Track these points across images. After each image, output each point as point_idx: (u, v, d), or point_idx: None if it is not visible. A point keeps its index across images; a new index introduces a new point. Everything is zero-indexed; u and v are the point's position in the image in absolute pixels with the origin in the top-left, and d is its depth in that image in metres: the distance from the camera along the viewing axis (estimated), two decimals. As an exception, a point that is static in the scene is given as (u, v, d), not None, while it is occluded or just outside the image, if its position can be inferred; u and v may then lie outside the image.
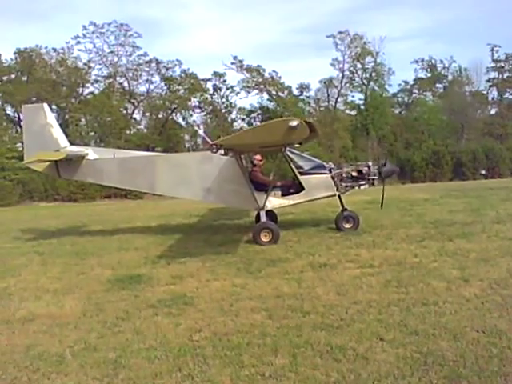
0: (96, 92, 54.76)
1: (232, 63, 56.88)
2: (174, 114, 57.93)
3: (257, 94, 59.37)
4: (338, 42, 59.01)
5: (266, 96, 59.23)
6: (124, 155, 13.97)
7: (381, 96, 60.01)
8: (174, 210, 18.80)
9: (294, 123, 8.90)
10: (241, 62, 57.17)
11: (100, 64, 55.28)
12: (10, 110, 53.05)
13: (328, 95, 63.10)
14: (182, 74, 56.72)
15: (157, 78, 57.12)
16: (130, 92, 56.38)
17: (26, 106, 15.20)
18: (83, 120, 51.95)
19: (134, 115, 57.42)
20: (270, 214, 13.58)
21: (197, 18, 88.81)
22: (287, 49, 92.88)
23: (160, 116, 57.09)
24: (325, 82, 61.85)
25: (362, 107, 60.57)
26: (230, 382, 4.58)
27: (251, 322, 6.06)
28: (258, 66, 57.32)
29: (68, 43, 53.89)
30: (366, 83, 60.86)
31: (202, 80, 57.53)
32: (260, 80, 57.96)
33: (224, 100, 59.85)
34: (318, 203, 13.43)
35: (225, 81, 58.75)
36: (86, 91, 55.13)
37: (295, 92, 60.33)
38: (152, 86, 57.57)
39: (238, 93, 59.00)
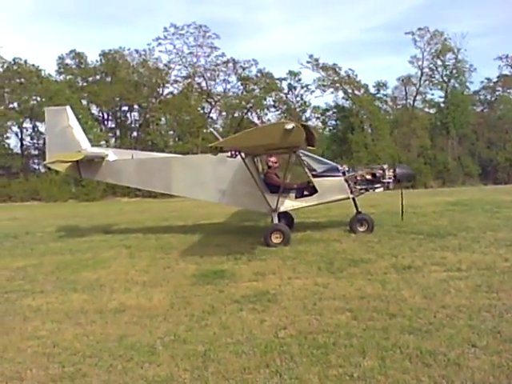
0: (175, 92, 56.49)
1: (308, 62, 56.85)
2: (249, 113, 58.59)
3: (332, 92, 58.95)
4: (417, 38, 57.60)
5: (341, 94, 58.62)
6: (142, 156, 14.25)
7: (462, 94, 57.80)
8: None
9: (290, 126, 8.93)
10: (316, 60, 56.98)
11: (179, 65, 56.97)
12: (95, 110, 55.74)
13: (406, 93, 61.62)
14: (258, 74, 57.36)
15: (233, 78, 58.12)
16: (207, 92, 57.60)
17: (49, 108, 15.49)
18: (163, 119, 53.64)
19: (211, 114, 58.66)
20: (287, 216, 13.72)
21: (273, 18, 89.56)
22: (364, 47, 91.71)
23: (236, 115, 57.91)
24: (403, 80, 60.41)
25: (442, 105, 58.58)
26: (318, 381, 4.56)
27: (336, 322, 6.01)
28: (334, 64, 56.92)
29: (149, 45, 55.96)
30: (446, 81, 58.92)
31: (278, 79, 57.86)
32: (336, 78, 57.46)
33: (298, 99, 59.86)
34: (399, 203, 13.05)
35: (300, 80, 58.74)
36: (166, 91, 57.01)
37: (372, 90, 59.24)
38: (229, 86, 58.63)
39: (313, 91, 58.85)
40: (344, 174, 12.52)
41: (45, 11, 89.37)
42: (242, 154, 11.54)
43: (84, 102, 53.43)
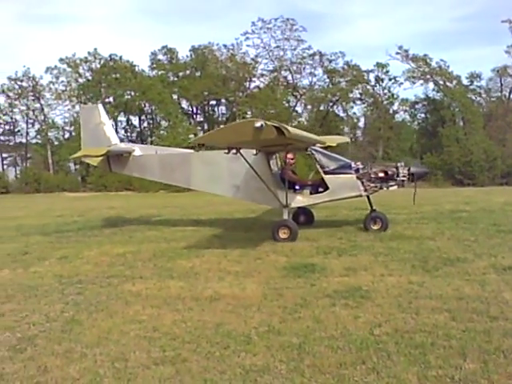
0: (262, 86, 56.97)
1: (397, 53, 55.19)
2: (334, 107, 57.95)
3: (422, 84, 56.94)
4: (514, 27, 54.00)
5: (431, 86, 56.55)
6: (164, 152, 14.76)
7: None
8: (338, 202, 18.71)
9: (258, 124, 8.99)
10: (406, 51, 55.23)
11: (266, 58, 57.39)
12: (184, 104, 57.52)
13: (501, 85, 58.29)
14: (345, 66, 56.49)
15: (320, 71, 57.68)
16: (293, 85, 57.62)
17: (84, 106, 16.33)
18: (249, 113, 54.34)
19: (296, 108, 58.66)
20: (306, 213, 14.20)
21: (361, 9, 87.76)
22: (456, 36, 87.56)
23: (321, 108, 57.50)
24: (498, 71, 57.09)
25: (542, 97, 54.87)
26: (417, 382, 4.46)
27: (433, 322, 5.85)
28: (425, 55, 54.85)
29: (237, 39, 56.80)
30: (547, 71, 55.03)
31: (365, 71, 56.69)
32: (426, 70, 55.42)
33: (386, 91, 58.36)
34: (496, 200, 12.46)
35: (387, 71, 57.21)
36: (253, 85, 57.67)
37: (464, 82, 56.56)
38: (315, 79, 58.29)
39: (401, 83, 57.07)
40: (358, 171, 12.48)
41: (139, 9, 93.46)
42: (254, 151, 11.84)
43: (174, 97, 55.27)
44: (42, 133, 55.27)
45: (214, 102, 57.90)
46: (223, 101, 57.37)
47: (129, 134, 57.33)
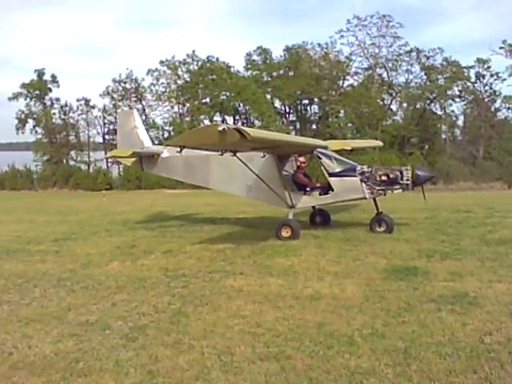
0: (355, 84, 56.00)
1: (500, 48, 51.88)
2: (432, 104, 55.78)
3: (527, 80, 53.15)
4: None
5: (539, 82, 52.69)
6: (189, 154, 14.90)
7: None
8: (439, 203, 18.07)
9: (220, 128, 9.34)
10: (511, 46, 51.80)
11: (361, 56, 56.13)
12: (277, 104, 57.92)
13: None
14: (444, 63, 54.06)
15: (416, 68, 55.59)
16: (388, 83, 56.12)
17: (120, 111, 16.84)
18: (342, 112, 53.64)
19: (391, 106, 57.07)
20: (323, 214, 14.73)
21: (461, 3, 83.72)
22: None
23: (417, 106, 55.55)
24: None
25: None
26: (536, 395, 4.26)
27: (550, 333, 5.53)
28: (532, 49, 51.14)
29: (331, 38, 56.06)
30: None
31: (465, 67, 53.95)
32: (534, 64, 51.69)
33: (487, 88, 55.19)
34: None
35: (489, 67, 53.98)
36: (346, 84, 56.76)
37: None
38: (411, 76, 56.29)
39: (504, 80, 53.57)
40: (362, 174, 12.65)
41: (235, 11, 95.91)
42: (262, 154, 12.62)
43: (268, 97, 55.76)
44: (143, 132, 57.83)
45: (306, 102, 57.54)
46: (316, 100, 56.97)
47: (223, 134, 58.56)
